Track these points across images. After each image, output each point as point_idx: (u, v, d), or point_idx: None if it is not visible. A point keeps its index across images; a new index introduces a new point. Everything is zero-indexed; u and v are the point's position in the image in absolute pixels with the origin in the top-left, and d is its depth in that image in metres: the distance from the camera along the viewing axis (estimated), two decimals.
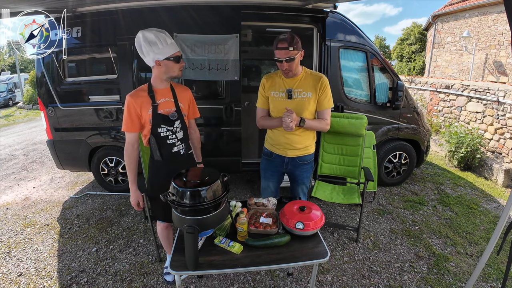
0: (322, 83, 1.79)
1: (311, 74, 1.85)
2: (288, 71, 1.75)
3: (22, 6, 2.43)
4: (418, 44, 14.84)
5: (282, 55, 1.68)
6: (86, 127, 3.27)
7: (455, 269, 2.28)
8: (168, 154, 1.75)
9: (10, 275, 2.26)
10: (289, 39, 1.66)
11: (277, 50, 1.69)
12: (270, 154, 2.01)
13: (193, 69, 2.90)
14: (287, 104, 1.80)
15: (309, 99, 1.80)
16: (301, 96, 1.80)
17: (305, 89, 1.80)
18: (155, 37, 1.58)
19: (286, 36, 1.67)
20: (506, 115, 4.37)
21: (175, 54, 1.64)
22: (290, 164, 1.98)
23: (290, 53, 1.66)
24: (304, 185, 2.07)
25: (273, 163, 2.02)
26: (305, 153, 1.95)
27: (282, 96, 1.82)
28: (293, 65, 1.72)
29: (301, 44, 1.73)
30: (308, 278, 2.18)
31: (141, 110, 1.65)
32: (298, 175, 2.02)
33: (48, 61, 3.12)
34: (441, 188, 3.77)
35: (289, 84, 1.82)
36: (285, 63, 1.69)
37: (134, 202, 1.78)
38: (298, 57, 1.72)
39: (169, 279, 2.13)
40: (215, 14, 2.90)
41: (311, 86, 1.80)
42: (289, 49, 1.65)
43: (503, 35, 9.52)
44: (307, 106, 1.81)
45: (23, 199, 3.57)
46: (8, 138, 6.92)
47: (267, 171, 2.08)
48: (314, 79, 1.82)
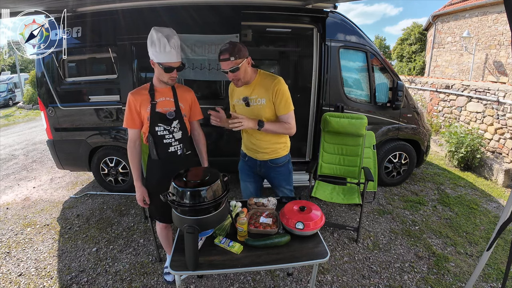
0: (274, 88, 1.70)
1: (266, 78, 1.76)
2: (236, 80, 1.70)
3: (22, 6, 2.43)
4: (418, 44, 14.85)
5: (225, 66, 1.64)
6: (86, 127, 3.27)
7: (455, 269, 2.28)
8: (164, 154, 1.75)
9: (10, 275, 2.26)
10: (230, 49, 1.60)
11: (220, 61, 1.64)
12: (244, 156, 2.03)
13: (193, 69, 2.90)
14: (247, 111, 1.78)
15: (264, 106, 1.74)
16: (256, 104, 1.76)
17: (259, 96, 1.74)
18: (157, 39, 1.57)
19: (227, 46, 1.62)
20: (506, 115, 4.37)
21: (168, 63, 1.61)
22: (263, 167, 1.96)
23: (233, 63, 1.61)
24: (284, 188, 2.01)
25: (247, 164, 2.03)
26: (276, 156, 1.91)
27: (242, 103, 1.79)
28: (239, 74, 1.66)
29: (246, 51, 1.66)
30: (308, 278, 2.18)
31: (140, 107, 1.67)
32: (273, 177, 1.99)
33: (48, 61, 3.13)
34: (441, 188, 3.77)
35: (244, 92, 1.78)
36: (231, 74, 1.65)
37: (140, 198, 1.80)
38: (244, 65, 1.65)
39: (169, 279, 2.14)
40: (215, 14, 2.90)
41: (264, 92, 1.73)
42: (230, 59, 1.60)
43: (503, 35, 9.52)
44: (263, 113, 1.75)
45: (23, 199, 3.57)
46: (8, 138, 6.92)
47: (243, 172, 2.08)
48: (267, 84, 1.73)
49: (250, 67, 1.73)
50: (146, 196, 1.81)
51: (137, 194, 1.80)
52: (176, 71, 1.67)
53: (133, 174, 1.78)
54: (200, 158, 2.00)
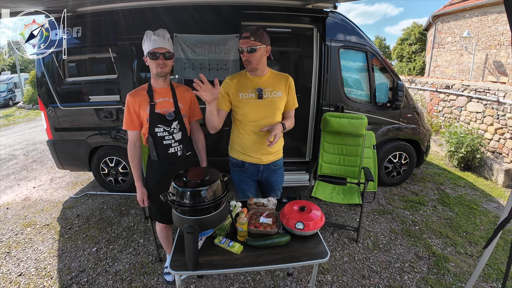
0: (290, 83, 1.76)
1: (278, 74, 1.78)
2: (248, 62, 1.63)
3: (22, 6, 2.43)
4: (418, 44, 14.84)
5: (243, 44, 1.60)
6: (86, 127, 3.27)
7: (455, 269, 2.28)
8: (164, 155, 1.74)
9: (10, 275, 2.26)
10: (253, 30, 1.59)
11: (240, 39, 1.62)
12: (242, 164, 1.84)
13: (193, 69, 2.90)
14: (259, 104, 1.70)
15: (280, 98, 1.73)
16: (272, 96, 1.71)
17: (274, 88, 1.73)
18: (145, 34, 1.63)
19: (252, 27, 1.62)
20: (506, 115, 4.37)
21: (152, 49, 1.60)
22: (266, 172, 1.87)
23: (251, 43, 1.58)
24: (278, 190, 2.00)
25: (247, 173, 1.87)
26: (278, 157, 1.89)
27: (252, 96, 1.70)
28: (253, 57, 1.61)
29: (268, 40, 1.64)
30: (308, 278, 2.18)
31: (139, 108, 1.66)
32: (274, 181, 1.94)
33: (48, 61, 3.13)
34: (441, 188, 3.77)
35: (258, 83, 1.71)
36: (246, 53, 1.60)
37: (140, 198, 1.81)
38: (261, 50, 1.62)
39: (169, 279, 2.14)
40: (215, 14, 2.90)
41: (280, 86, 1.74)
42: (250, 38, 1.57)
43: (503, 35, 9.52)
44: (279, 105, 1.73)
45: (23, 199, 3.57)
46: (8, 138, 6.91)
47: (242, 183, 1.91)
48: (281, 78, 1.75)
49: (265, 58, 1.68)
50: (145, 197, 1.81)
51: (138, 194, 1.82)
52: (163, 58, 1.62)
53: (134, 175, 1.79)
54: (199, 159, 1.99)
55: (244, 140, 1.80)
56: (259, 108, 1.70)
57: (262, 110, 1.71)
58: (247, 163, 1.84)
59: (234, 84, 1.73)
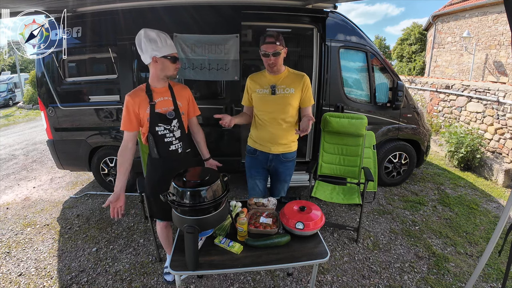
0: (305, 81, 1.90)
1: (294, 73, 1.94)
2: (274, 65, 1.82)
3: (22, 6, 2.43)
4: (418, 44, 14.84)
5: (269, 49, 1.76)
6: (86, 127, 3.27)
7: (455, 269, 2.28)
8: (165, 153, 1.76)
9: (10, 275, 2.26)
10: (276, 35, 1.76)
11: (265, 44, 1.77)
12: (254, 152, 2.05)
13: (193, 69, 2.90)
14: (270, 99, 1.89)
15: (292, 95, 1.89)
16: (284, 92, 1.89)
17: (288, 86, 1.89)
18: (156, 35, 1.64)
19: (273, 32, 1.78)
20: (506, 115, 4.37)
21: (172, 54, 1.69)
22: (274, 161, 2.02)
23: (277, 48, 1.75)
24: (286, 183, 2.11)
25: (257, 160, 2.05)
26: (289, 150, 2.01)
27: (266, 92, 1.90)
28: (278, 60, 1.80)
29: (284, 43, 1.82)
30: (308, 278, 2.18)
31: (139, 109, 1.66)
32: (281, 172, 2.05)
33: (48, 61, 3.13)
34: (441, 188, 3.77)
35: (273, 81, 1.90)
36: (272, 57, 1.78)
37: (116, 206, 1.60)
38: (283, 53, 1.81)
39: (169, 279, 2.14)
40: (215, 14, 2.90)
41: (294, 84, 1.89)
42: (275, 43, 1.74)
43: (503, 35, 9.51)
44: (290, 101, 1.89)
45: (23, 199, 3.57)
46: (8, 138, 6.92)
47: (251, 169, 2.10)
48: (297, 77, 1.91)
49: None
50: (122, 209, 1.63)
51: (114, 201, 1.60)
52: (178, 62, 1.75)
53: (118, 180, 1.63)
54: (200, 152, 2.01)
55: (258, 130, 2.00)
56: (271, 102, 1.89)
57: (274, 104, 1.89)
58: (258, 151, 2.03)
59: (253, 81, 1.98)
